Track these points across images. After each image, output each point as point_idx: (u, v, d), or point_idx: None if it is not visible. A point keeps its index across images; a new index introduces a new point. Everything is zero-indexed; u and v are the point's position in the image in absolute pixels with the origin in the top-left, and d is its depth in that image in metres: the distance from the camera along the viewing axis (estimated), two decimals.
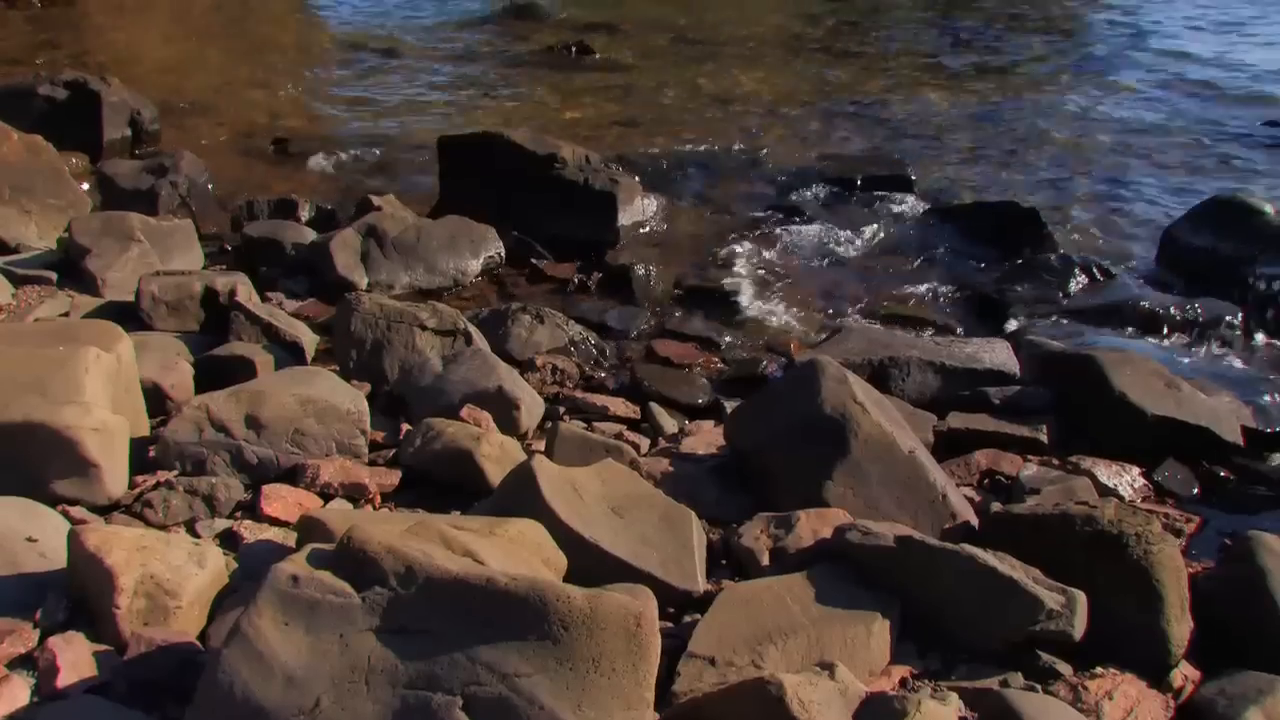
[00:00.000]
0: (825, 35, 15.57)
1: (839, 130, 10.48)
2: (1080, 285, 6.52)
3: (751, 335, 5.94)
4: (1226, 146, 10.25)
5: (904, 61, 13.90)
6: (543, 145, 7.29)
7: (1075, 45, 15.77)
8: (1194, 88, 12.67)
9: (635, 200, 7.16)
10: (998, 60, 14.27)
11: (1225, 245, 6.86)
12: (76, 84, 9.20)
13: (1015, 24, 17.29)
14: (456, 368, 4.56)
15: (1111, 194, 8.77)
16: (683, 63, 13.26)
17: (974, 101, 11.79)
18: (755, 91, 11.93)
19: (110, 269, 5.68)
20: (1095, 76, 13.42)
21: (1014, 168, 9.48)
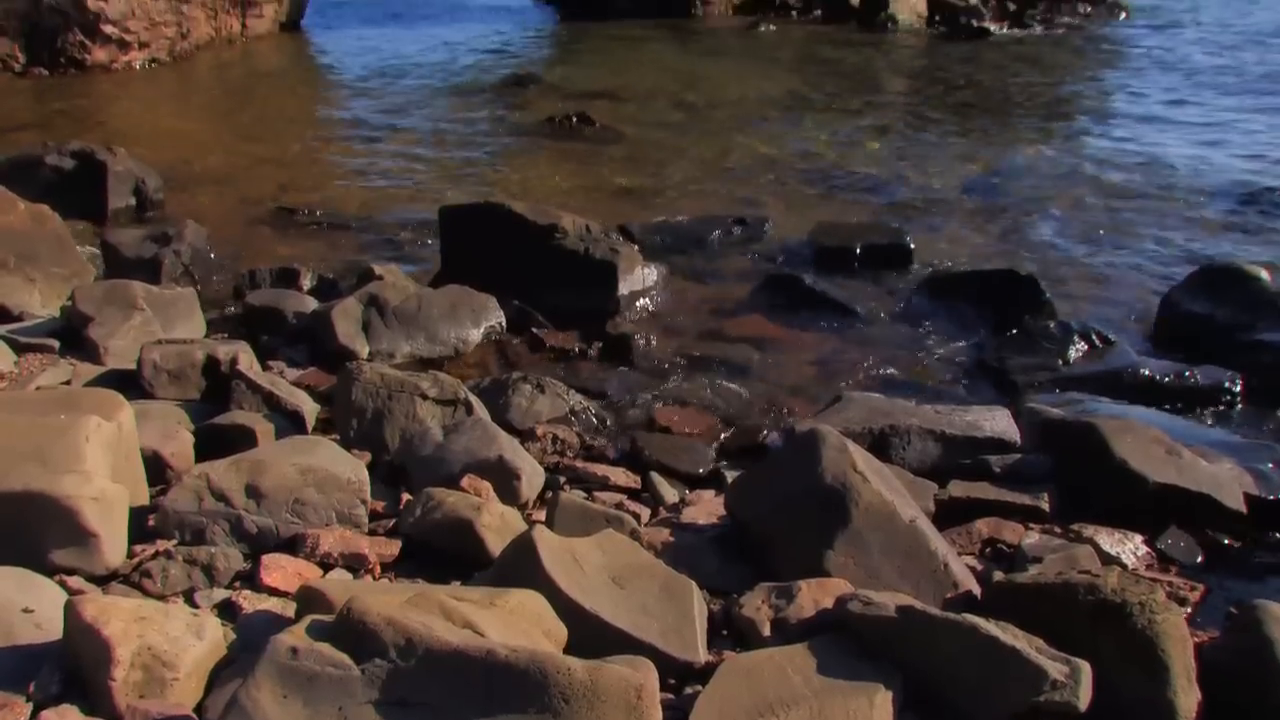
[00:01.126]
0: (822, 103, 15.76)
1: (837, 198, 10.57)
2: (1080, 352, 6.53)
3: (752, 404, 5.94)
4: (1221, 212, 10.35)
5: (900, 129, 14.06)
6: (544, 215, 7.34)
7: (1069, 111, 15.98)
8: (1187, 153, 12.84)
9: (635, 270, 7.20)
10: (993, 127, 14.44)
11: (1223, 311, 6.90)
12: (83, 153, 9.32)
13: (1010, 91, 17.53)
14: (457, 437, 4.56)
15: (1109, 259, 8.84)
16: (682, 132, 13.40)
17: (971, 168, 11.91)
18: (754, 160, 12.05)
19: (112, 337, 5.70)
20: (1090, 142, 13.60)
21: (1011, 233, 9.56)
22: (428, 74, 18.44)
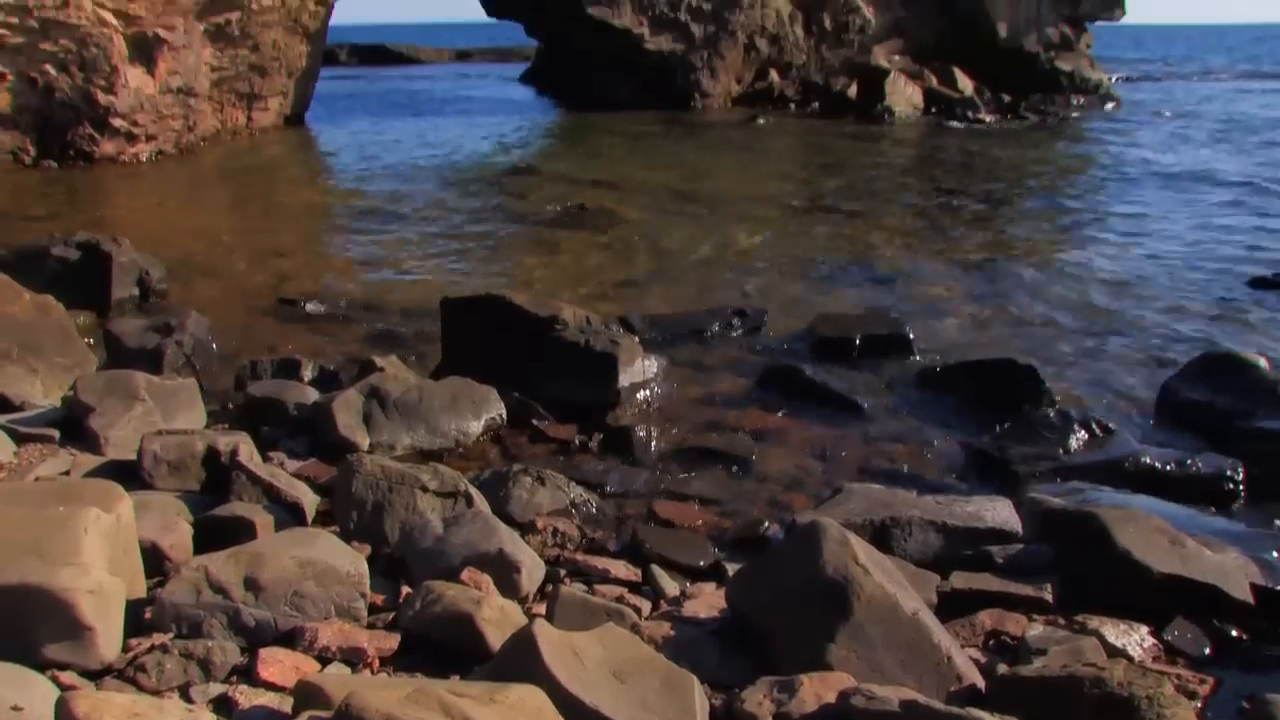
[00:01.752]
0: (819, 197, 15.94)
1: (836, 289, 10.64)
2: (1080, 441, 6.52)
3: (752, 496, 5.92)
4: (1215, 300, 10.46)
5: (897, 221, 14.21)
6: (544, 307, 7.38)
7: (1064, 201, 16.18)
8: (1179, 243, 13.00)
9: (636, 361, 7.21)
10: (990, 217, 14.60)
11: (1222, 400, 6.93)
12: (88, 244, 9.40)
13: (1006, 182, 17.73)
14: (457, 530, 4.54)
15: (1107, 347, 8.89)
16: (681, 223, 13.53)
17: (968, 257, 12.02)
18: (753, 252, 12.15)
19: (113, 427, 5.70)
20: (1085, 232, 13.78)
21: (1009, 322, 9.62)
22: (429, 165, 18.70)
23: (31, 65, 16.56)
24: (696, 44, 29.62)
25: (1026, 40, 35.87)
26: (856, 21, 32.97)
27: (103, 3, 16.67)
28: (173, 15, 18.10)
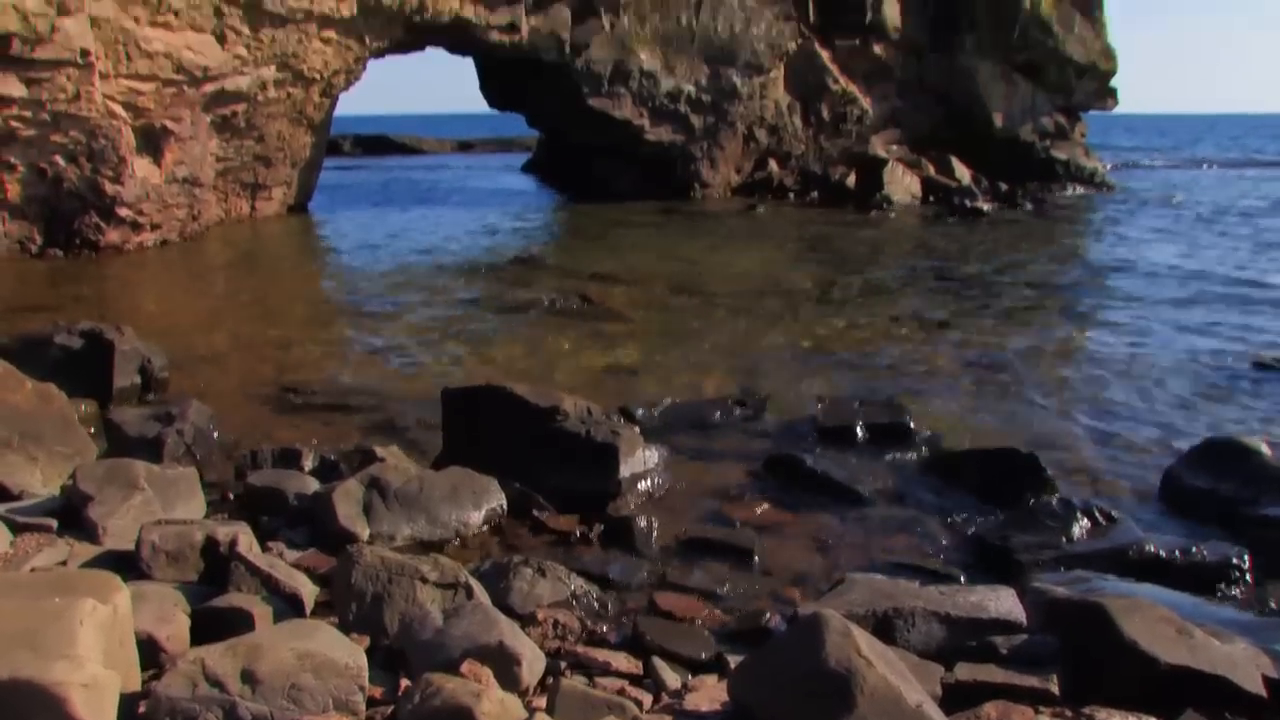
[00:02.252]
0: (820, 285, 16.05)
1: (837, 377, 10.66)
2: (1083, 530, 6.49)
3: (754, 587, 5.87)
4: (1216, 387, 10.47)
5: (897, 308, 14.29)
6: (545, 398, 7.39)
7: (1062, 288, 16.29)
8: (1178, 328, 13.09)
9: (637, 452, 7.20)
10: (989, 305, 14.68)
11: (1226, 486, 6.91)
12: (91, 333, 9.45)
13: (1004, 269, 17.85)
14: (457, 622, 4.50)
15: (1108, 433, 8.90)
16: (682, 314, 13.60)
17: (967, 345, 12.08)
18: (754, 340, 12.19)
19: (112, 517, 5.68)
20: (1084, 318, 13.88)
21: (1010, 408, 9.63)
22: (431, 255, 18.85)
23: (42, 156, 16.77)
24: (696, 135, 30.03)
25: (1022, 129, 36.41)
26: (854, 112, 33.46)
27: (113, 95, 16.93)
28: (180, 107, 18.38)
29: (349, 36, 21.85)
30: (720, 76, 29.73)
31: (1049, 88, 36.87)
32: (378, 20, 22.37)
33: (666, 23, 28.79)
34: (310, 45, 20.72)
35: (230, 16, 18.40)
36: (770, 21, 30.45)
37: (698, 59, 29.41)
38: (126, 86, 17.08)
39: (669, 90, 28.90)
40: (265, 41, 19.45)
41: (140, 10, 16.70)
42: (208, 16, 18.03)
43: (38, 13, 14.84)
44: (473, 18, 24.28)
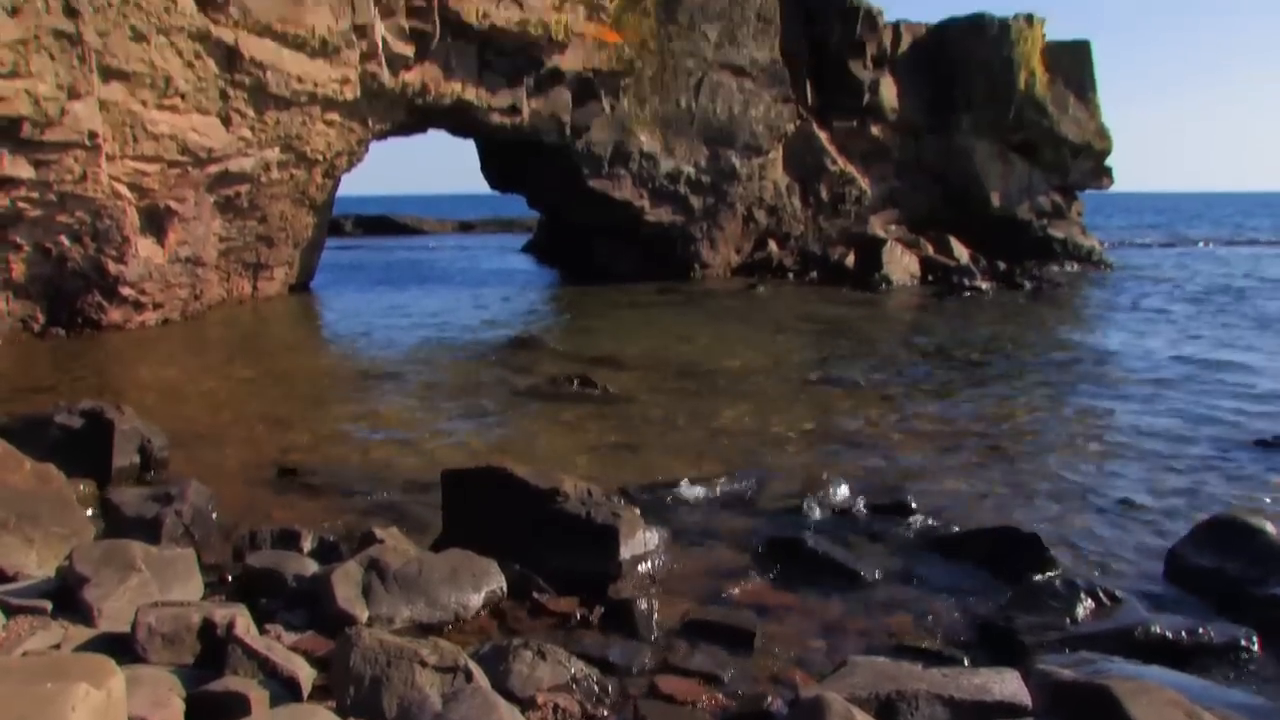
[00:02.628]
0: (819, 365, 16.07)
1: (837, 457, 10.63)
2: (1087, 610, 6.43)
3: (756, 670, 5.81)
4: (1217, 465, 10.45)
5: (897, 387, 14.30)
6: (545, 479, 7.37)
7: (1061, 365, 16.34)
8: (1178, 403, 13.10)
9: (637, 533, 7.17)
10: (988, 382, 14.71)
11: (1232, 566, 6.87)
12: (92, 412, 9.45)
13: (1004, 347, 17.90)
14: (456, 706, 4.45)
15: (1110, 511, 8.88)
16: (682, 395, 13.59)
17: (968, 425, 12.05)
18: (754, 421, 12.18)
19: (108, 599, 5.63)
20: (1083, 394, 13.90)
21: (1011, 488, 9.60)
22: (431, 336, 18.91)
23: (47, 236, 16.90)
24: (696, 215, 30.28)
25: (1019, 208, 36.79)
26: (853, 192, 33.79)
27: (119, 176, 17.10)
28: (185, 188, 18.56)
29: (352, 119, 22.13)
30: (719, 158, 30.06)
31: (1045, 167, 37.32)
32: (381, 103, 22.68)
33: (666, 105, 29.18)
34: (314, 127, 20.98)
35: (235, 99, 18.65)
36: (769, 104, 30.86)
37: (697, 140, 29.76)
38: (132, 168, 17.26)
39: (669, 171, 29.21)
40: (269, 123, 19.69)
41: (148, 93, 16.93)
42: (213, 99, 18.28)
43: (49, 97, 15.04)
44: (474, 100, 24.61)
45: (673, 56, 29.03)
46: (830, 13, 33.97)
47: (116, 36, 15.87)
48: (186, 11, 17.01)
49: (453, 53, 23.59)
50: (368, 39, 20.84)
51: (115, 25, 15.77)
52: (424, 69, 22.90)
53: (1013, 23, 36.00)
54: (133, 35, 16.14)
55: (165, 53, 16.87)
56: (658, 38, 28.63)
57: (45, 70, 14.87)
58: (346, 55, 20.49)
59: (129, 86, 16.57)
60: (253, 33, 18.33)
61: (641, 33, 28.14)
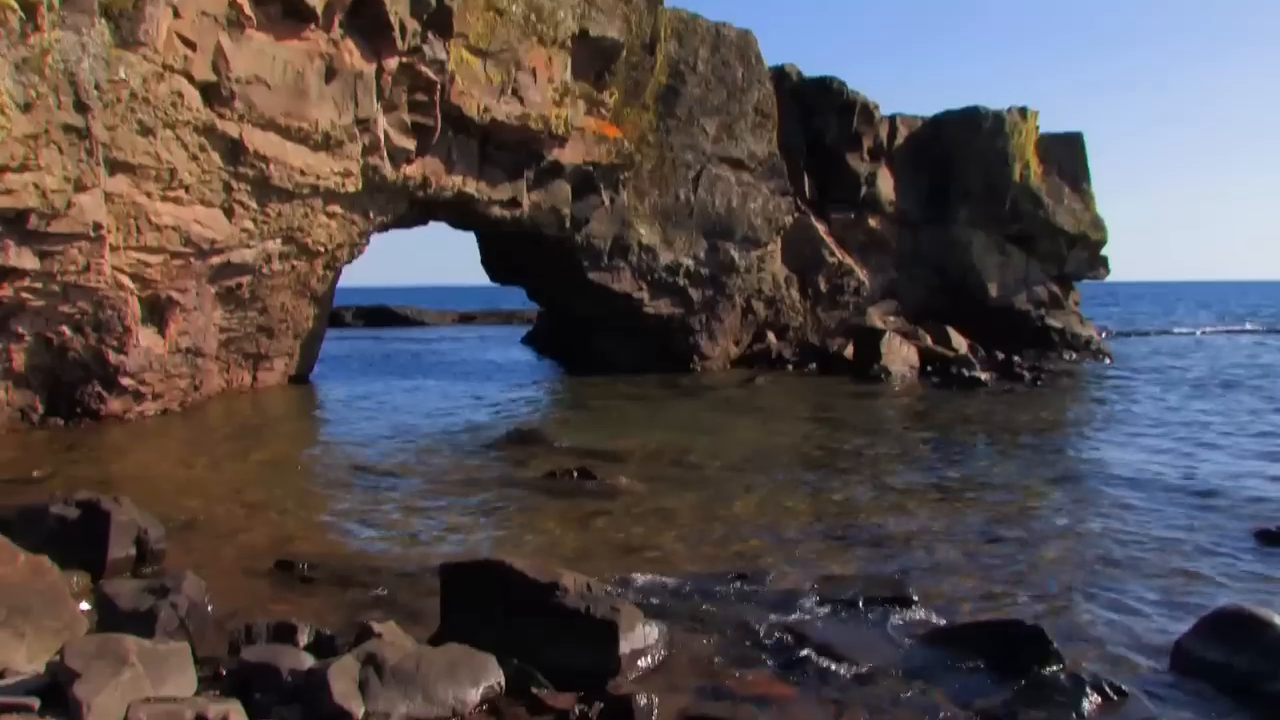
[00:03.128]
0: (819, 456, 16.05)
1: (838, 549, 10.57)
2: (1093, 705, 6.34)
3: None
4: (1220, 556, 10.41)
5: (897, 479, 14.27)
6: (544, 573, 7.31)
7: (1062, 456, 16.35)
8: (1179, 495, 13.08)
9: (637, 627, 7.09)
10: (989, 473, 14.68)
11: (1240, 660, 6.77)
12: (88, 503, 9.39)
13: (1004, 438, 17.88)
14: None
15: (1112, 604, 8.79)
16: (682, 486, 13.55)
17: (969, 514, 12.02)
18: (754, 514, 12.12)
19: (98, 694, 5.53)
20: (1085, 485, 13.90)
21: (1014, 579, 9.53)
22: (430, 428, 18.90)
23: (49, 326, 16.95)
24: (695, 307, 30.42)
25: (1017, 299, 37.04)
26: (851, 284, 34.02)
27: (122, 267, 17.21)
28: (187, 279, 18.67)
29: (354, 211, 22.34)
30: (718, 250, 30.29)
31: (1042, 258, 37.66)
32: (382, 196, 22.92)
33: (665, 198, 29.49)
34: (315, 219, 21.17)
35: (239, 191, 18.84)
36: (767, 197, 31.20)
37: (696, 233, 30.03)
38: (135, 258, 17.38)
39: (668, 264, 29.41)
40: (272, 215, 19.87)
41: (152, 186, 17.10)
42: (217, 191, 18.46)
43: (56, 190, 15.19)
44: (475, 193, 24.87)
45: (672, 150, 29.41)
46: (827, 107, 34.55)
47: (124, 130, 16.08)
48: (193, 106, 17.25)
49: (454, 146, 23.89)
50: (370, 133, 21.12)
51: (123, 119, 15.99)
52: (425, 162, 23.18)
53: (1007, 115, 36.58)
54: (140, 129, 16.36)
55: (171, 146, 17.08)
56: (657, 132, 29.04)
57: (54, 163, 15.04)
58: (349, 149, 20.75)
59: (134, 179, 16.75)
60: (257, 126, 18.58)
61: (641, 127, 28.54)
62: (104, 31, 15.24)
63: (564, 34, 25.25)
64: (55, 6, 14.50)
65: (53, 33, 14.48)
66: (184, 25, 16.71)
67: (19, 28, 14.01)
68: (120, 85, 15.61)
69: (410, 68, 21.47)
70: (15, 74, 14.10)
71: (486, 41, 23.17)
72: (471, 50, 23.01)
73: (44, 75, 14.46)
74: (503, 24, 23.45)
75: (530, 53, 24.48)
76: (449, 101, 22.59)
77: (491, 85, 23.69)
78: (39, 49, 14.30)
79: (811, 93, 34.86)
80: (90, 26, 15.01)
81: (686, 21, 29.55)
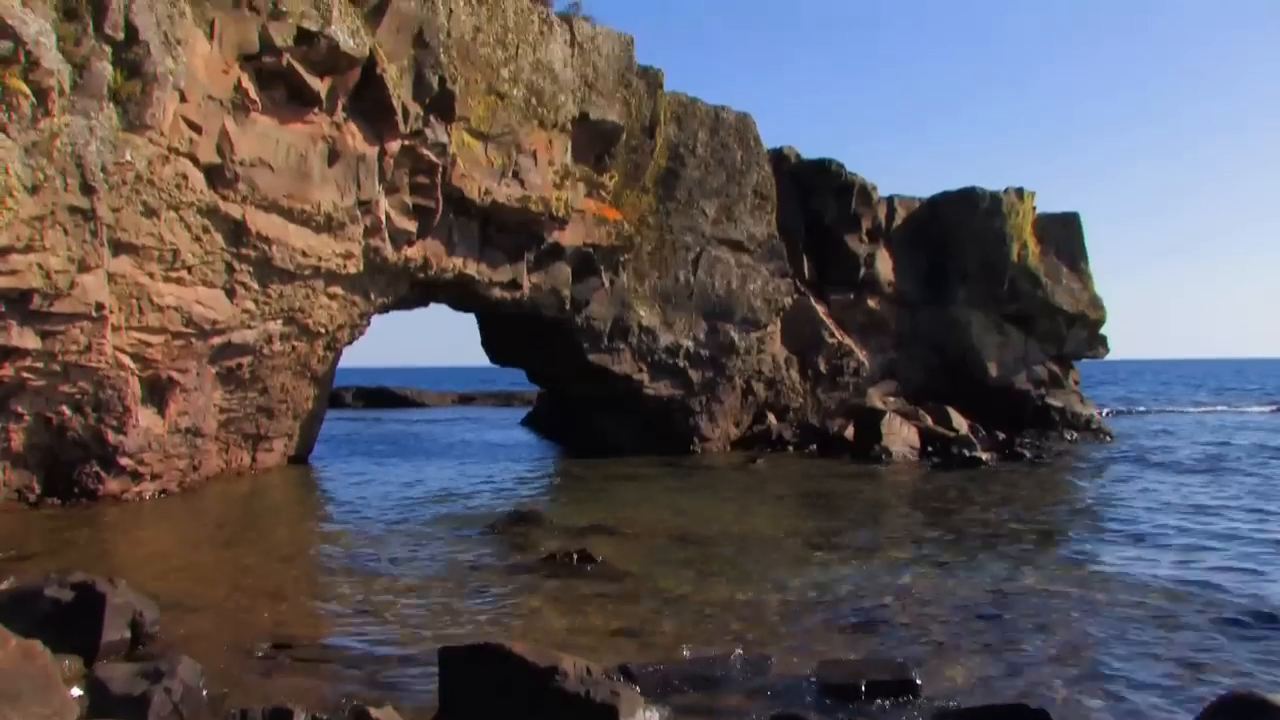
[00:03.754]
0: (820, 538, 15.95)
1: (840, 632, 10.48)
2: None
3: None
4: (1222, 637, 10.33)
5: (899, 559, 14.19)
6: (543, 657, 7.23)
7: (1064, 536, 16.33)
8: (1182, 575, 13.08)
9: (637, 712, 7.00)
10: (992, 554, 14.63)
11: None
12: (83, 585, 9.29)
13: (1006, 518, 17.80)
14: None
15: (1118, 686, 8.74)
16: (682, 569, 13.45)
17: (972, 596, 11.93)
18: (755, 595, 12.02)
19: None
20: (1087, 566, 13.83)
21: (1018, 661, 9.46)
22: (429, 510, 18.83)
23: (49, 406, 16.93)
24: (695, 389, 30.41)
25: (1016, 378, 37.11)
26: (851, 364, 34.08)
27: (123, 347, 17.24)
28: (187, 359, 18.69)
29: (355, 292, 22.44)
30: (718, 331, 30.39)
31: (1041, 337, 37.80)
32: (383, 277, 23.05)
33: (665, 280, 29.66)
34: (317, 300, 21.25)
35: (240, 272, 18.93)
36: (766, 278, 31.37)
37: (696, 315, 30.14)
38: (137, 338, 17.42)
39: (668, 345, 29.47)
40: (273, 296, 19.95)
41: (155, 266, 17.19)
42: (219, 272, 18.55)
43: (60, 270, 15.27)
44: (475, 275, 25.01)
45: (671, 232, 29.63)
46: (826, 188, 34.92)
47: (128, 212, 16.20)
48: (197, 188, 17.40)
49: (455, 228, 24.08)
50: (372, 215, 21.29)
51: (128, 201, 16.11)
52: (426, 244, 23.33)
53: (1004, 196, 36.95)
54: (144, 211, 16.48)
55: (174, 227, 17.19)
56: (657, 214, 29.29)
57: (58, 244, 15.14)
58: (351, 230, 20.89)
59: (137, 259, 16.84)
60: (260, 208, 18.72)
61: (640, 209, 28.80)
62: (112, 115, 15.42)
63: (564, 117, 25.58)
64: (66, 91, 14.69)
65: (62, 117, 14.66)
66: (190, 109, 16.91)
67: (30, 112, 14.18)
68: (126, 167, 15.76)
69: (412, 150, 21.71)
70: (25, 157, 14.24)
71: (488, 125, 23.46)
72: (473, 133, 23.29)
73: (52, 158, 14.60)
74: (504, 107, 23.77)
75: (531, 136, 24.78)
76: (450, 184, 22.80)
77: (493, 168, 23.94)
78: (49, 133, 14.46)
79: (810, 174, 35.25)
80: (99, 110, 15.19)
81: (686, 105, 29.95)
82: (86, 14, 14.97)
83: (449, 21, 21.81)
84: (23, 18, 13.98)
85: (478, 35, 22.72)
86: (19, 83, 13.95)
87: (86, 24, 14.97)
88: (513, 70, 23.84)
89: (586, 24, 26.67)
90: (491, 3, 23.22)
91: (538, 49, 24.68)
